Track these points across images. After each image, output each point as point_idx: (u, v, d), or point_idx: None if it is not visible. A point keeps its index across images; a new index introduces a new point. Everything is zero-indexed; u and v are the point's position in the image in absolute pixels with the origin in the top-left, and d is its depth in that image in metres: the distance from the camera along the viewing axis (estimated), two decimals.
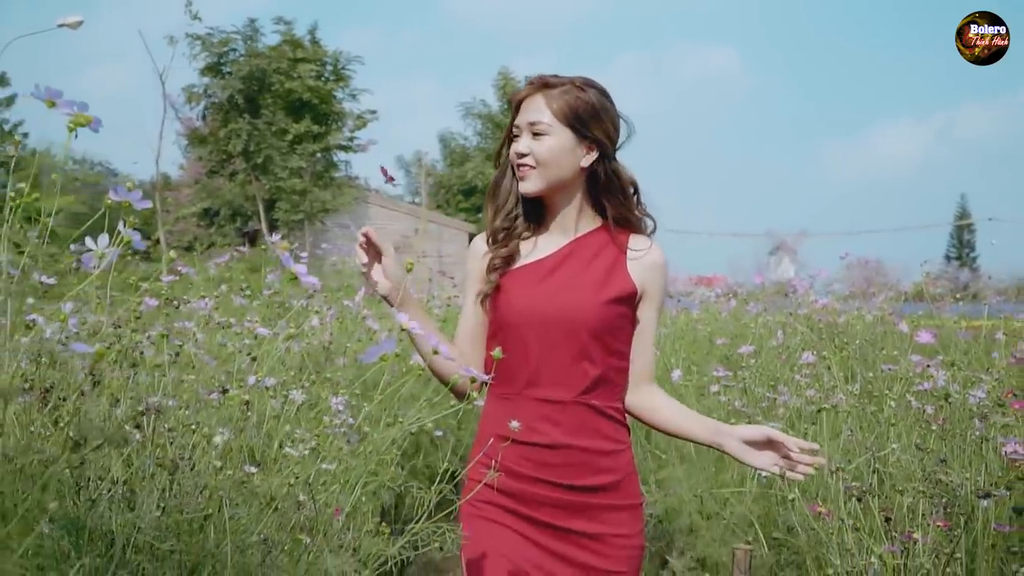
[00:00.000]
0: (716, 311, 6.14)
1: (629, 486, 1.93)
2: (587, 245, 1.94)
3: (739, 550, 2.34)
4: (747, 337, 4.00)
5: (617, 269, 1.91)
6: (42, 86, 1.29)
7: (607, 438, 1.90)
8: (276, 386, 2.14)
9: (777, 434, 1.83)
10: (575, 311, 1.86)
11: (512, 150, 1.92)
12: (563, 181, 1.90)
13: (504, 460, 1.85)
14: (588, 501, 1.88)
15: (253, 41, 20.54)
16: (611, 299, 1.88)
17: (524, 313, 1.89)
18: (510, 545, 1.87)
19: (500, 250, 1.94)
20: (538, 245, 1.96)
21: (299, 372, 2.64)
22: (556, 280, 1.90)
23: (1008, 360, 3.33)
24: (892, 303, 5.55)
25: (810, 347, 3.42)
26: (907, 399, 2.60)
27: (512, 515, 1.88)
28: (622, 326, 1.91)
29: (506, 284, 1.92)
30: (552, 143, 1.86)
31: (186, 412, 1.56)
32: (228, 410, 1.66)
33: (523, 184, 1.90)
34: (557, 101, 1.87)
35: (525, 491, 1.88)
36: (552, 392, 1.88)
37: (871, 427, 2.63)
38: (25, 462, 1.28)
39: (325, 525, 1.54)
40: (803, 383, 3.04)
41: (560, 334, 1.86)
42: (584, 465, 1.88)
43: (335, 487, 1.77)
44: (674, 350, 4.12)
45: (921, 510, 1.90)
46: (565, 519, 1.87)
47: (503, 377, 1.89)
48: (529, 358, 1.88)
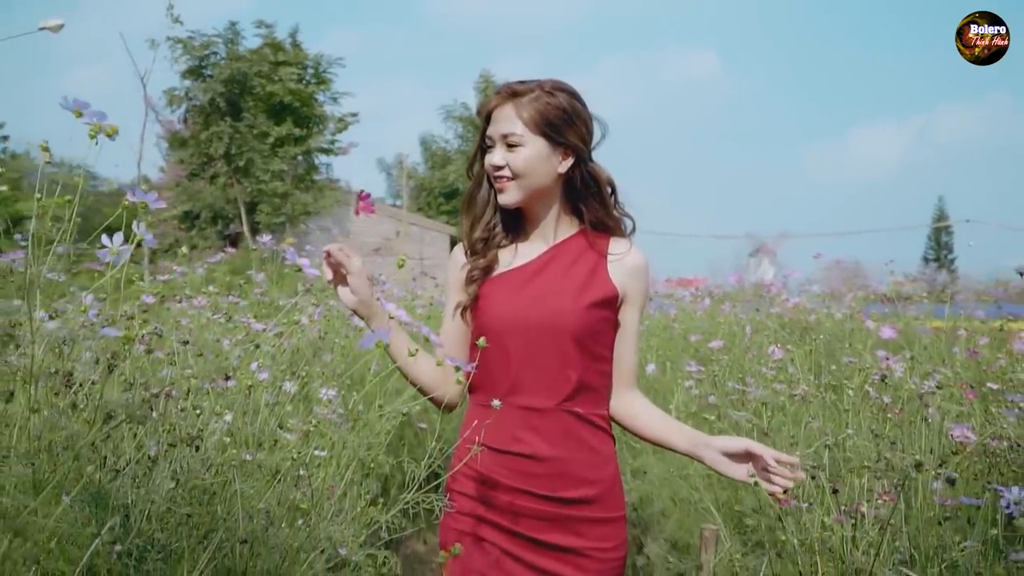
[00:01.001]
0: (691, 310, 6.31)
1: (613, 498, 1.89)
2: (566, 251, 1.92)
3: (706, 529, 2.49)
4: (719, 334, 4.16)
5: (598, 273, 1.89)
6: (70, 97, 1.41)
7: (591, 449, 1.87)
8: (269, 379, 2.27)
9: (756, 446, 1.80)
10: (556, 316, 1.84)
11: (487, 162, 1.89)
12: (541, 189, 1.89)
13: (485, 471, 1.84)
14: (570, 514, 1.84)
15: (234, 44, 20.60)
16: (592, 303, 1.86)
17: (505, 320, 1.86)
18: (489, 562, 1.84)
19: (479, 261, 1.92)
20: (518, 252, 1.94)
21: (290, 366, 2.77)
22: (536, 286, 1.88)
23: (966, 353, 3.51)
24: (861, 302, 5.72)
25: (778, 342, 3.58)
26: (866, 389, 2.76)
27: (492, 527, 1.85)
28: (604, 330, 1.89)
29: (486, 292, 1.91)
30: (527, 153, 1.84)
31: (193, 396, 1.70)
32: (232, 396, 1.79)
33: (502, 196, 1.88)
34: (527, 110, 1.84)
35: (506, 502, 1.84)
36: (534, 399, 1.85)
37: (832, 416, 2.79)
38: (53, 438, 1.41)
39: (322, 499, 1.68)
40: (770, 376, 3.20)
41: (542, 340, 1.84)
42: (567, 476, 1.84)
43: (331, 468, 1.90)
44: (649, 346, 4.27)
45: (870, 487, 2.05)
46: (546, 532, 1.84)
47: (485, 385, 1.87)
48: (511, 365, 1.85)
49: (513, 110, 1.84)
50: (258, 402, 1.84)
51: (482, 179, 1.93)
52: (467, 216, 1.97)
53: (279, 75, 20.27)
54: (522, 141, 1.83)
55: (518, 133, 1.83)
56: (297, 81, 20.59)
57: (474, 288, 1.90)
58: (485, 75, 29.23)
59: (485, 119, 1.90)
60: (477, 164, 1.94)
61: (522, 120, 1.83)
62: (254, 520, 1.45)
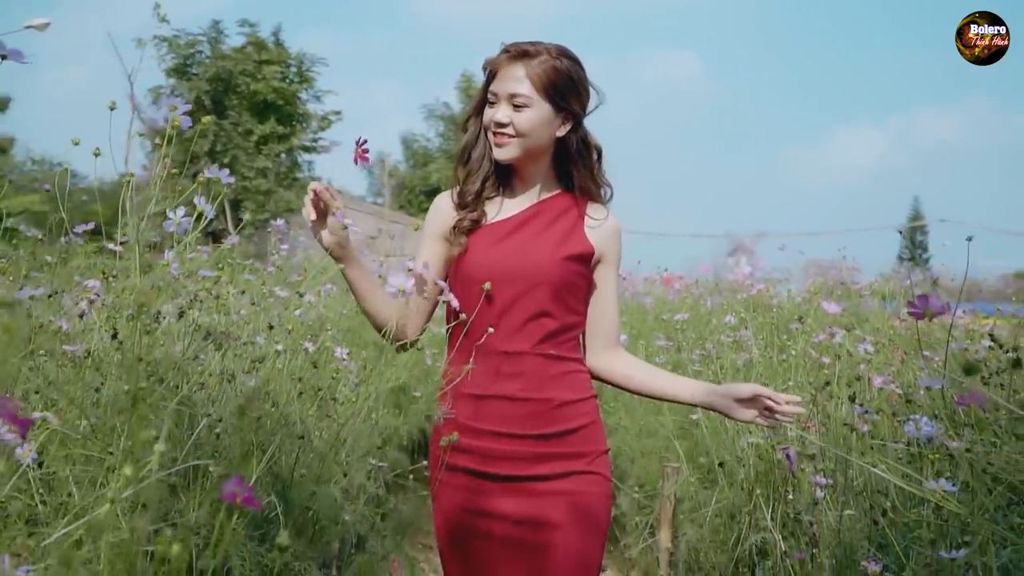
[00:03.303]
0: (664, 296, 6.74)
1: (594, 431, 1.95)
2: (549, 208, 1.99)
3: (668, 466, 2.91)
4: (684, 309, 4.58)
5: (576, 231, 1.97)
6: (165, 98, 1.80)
7: (568, 387, 1.92)
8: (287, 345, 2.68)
9: (763, 390, 1.89)
10: (536, 267, 1.90)
11: (489, 117, 1.93)
12: (538, 150, 1.94)
13: (466, 418, 1.90)
14: (553, 450, 1.89)
15: (218, 43, 20.89)
16: (569, 256, 1.93)
17: (486, 269, 1.91)
18: (478, 511, 1.90)
19: (470, 213, 1.97)
20: (503, 207, 1.99)
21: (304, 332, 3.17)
22: (518, 239, 1.94)
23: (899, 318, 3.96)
24: (820, 287, 6.16)
25: (734, 312, 4.03)
26: (807, 351, 3.19)
27: (478, 476, 1.90)
28: (579, 285, 1.96)
29: (469, 242, 1.95)
30: (532, 115, 1.89)
31: (249, 335, 2.10)
32: (277, 336, 2.20)
33: (499, 152, 1.92)
34: (536, 72, 1.88)
35: (488, 448, 1.89)
36: (511, 344, 1.90)
37: (778, 373, 3.21)
38: (150, 358, 1.81)
39: (348, 417, 2.09)
40: (727, 343, 3.63)
41: (521, 289, 1.90)
42: (547, 414, 1.89)
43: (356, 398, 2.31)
44: (622, 322, 4.68)
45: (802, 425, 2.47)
46: (527, 468, 1.88)
47: (463, 332, 1.91)
48: (490, 312, 1.90)
49: (523, 70, 1.88)
50: (298, 343, 2.24)
51: (479, 133, 1.98)
52: (462, 167, 2.01)
53: (263, 73, 20.58)
54: (529, 102, 1.88)
55: (525, 94, 1.88)
56: (281, 80, 20.91)
57: (464, 239, 1.94)
58: (467, 75, 29.56)
59: (490, 75, 1.94)
60: (475, 119, 1.99)
61: (531, 81, 1.88)
62: (303, 424, 1.86)
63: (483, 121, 1.95)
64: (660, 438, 3.44)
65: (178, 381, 1.82)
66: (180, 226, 2.03)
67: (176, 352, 1.73)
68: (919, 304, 1.23)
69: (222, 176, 1.91)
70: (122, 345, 1.68)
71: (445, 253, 1.98)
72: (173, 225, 2.04)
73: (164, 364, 1.80)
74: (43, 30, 1.33)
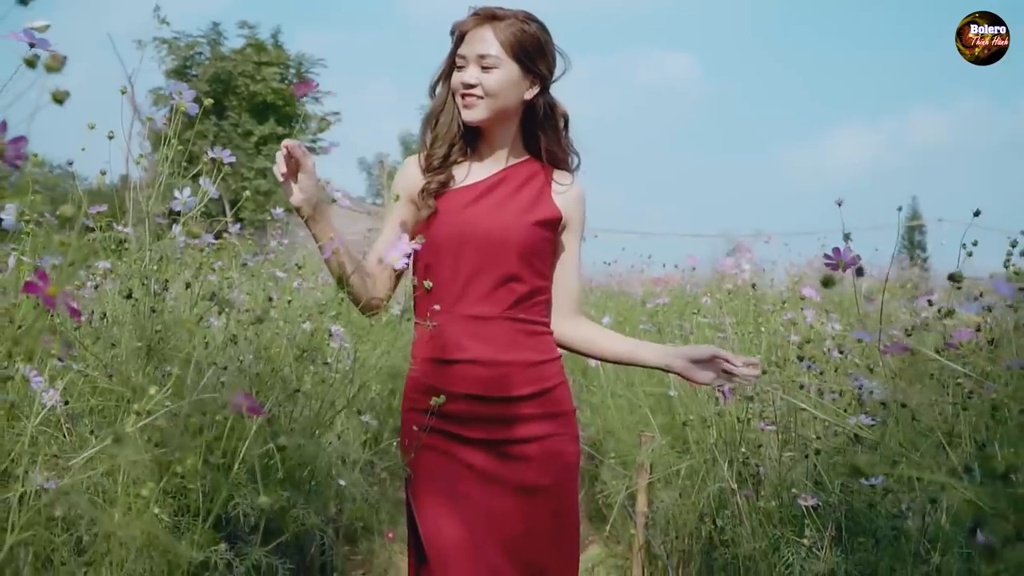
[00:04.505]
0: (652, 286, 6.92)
1: (560, 392, 1.99)
2: (516, 174, 2.02)
3: (644, 435, 3.09)
4: (666, 294, 4.77)
5: (543, 196, 2.00)
6: None
7: (534, 349, 1.96)
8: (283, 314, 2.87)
9: (720, 351, 1.93)
10: (504, 232, 1.93)
11: (457, 80, 1.95)
12: (506, 111, 1.97)
13: (436, 382, 1.92)
14: (521, 412, 1.93)
15: (218, 44, 21.11)
16: (537, 222, 1.96)
17: (454, 234, 1.94)
18: (451, 478, 1.92)
19: (437, 176, 1.99)
20: (471, 171, 2.02)
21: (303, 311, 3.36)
22: (486, 203, 1.97)
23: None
24: (804, 276, 6.34)
25: (710, 295, 4.22)
26: (779, 329, 3.37)
27: (451, 438, 1.93)
28: (546, 249, 1.99)
29: (437, 205, 1.97)
30: (500, 76, 1.92)
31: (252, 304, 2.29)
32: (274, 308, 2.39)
33: (468, 113, 1.95)
34: (504, 34, 1.92)
35: (462, 410, 1.91)
36: (479, 308, 1.93)
37: (749, 349, 3.40)
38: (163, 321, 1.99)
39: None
40: (704, 323, 3.81)
41: (488, 253, 1.92)
42: (514, 377, 1.92)
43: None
44: (607, 307, 4.87)
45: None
46: (500, 431, 1.92)
47: (432, 296, 1.92)
48: (458, 277, 1.93)
49: (491, 32, 1.93)
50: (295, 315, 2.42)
51: (446, 98, 2.01)
52: (430, 131, 2.04)
53: (262, 75, 20.79)
54: (497, 63, 1.92)
55: (494, 55, 1.91)
56: (280, 81, 21.11)
57: (432, 202, 1.97)
58: None
59: (459, 38, 1.98)
60: (443, 83, 2.02)
61: (499, 43, 1.92)
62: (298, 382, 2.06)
63: (451, 84, 1.98)
64: (640, 415, 3.62)
65: (185, 340, 2.01)
66: (186, 204, 2.20)
67: (182, 313, 1.91)
68: (833, 256, 1.40)
69: (224, 156, 2.09)
70: (136, 303, 1.86)
71: (414, 216, 2.01)
72: (179, 204, 2.23)
73: (172, 325, 1.98)
74: (43, 32, 1.31)
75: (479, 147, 2.04)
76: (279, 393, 2.03)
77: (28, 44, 1.31)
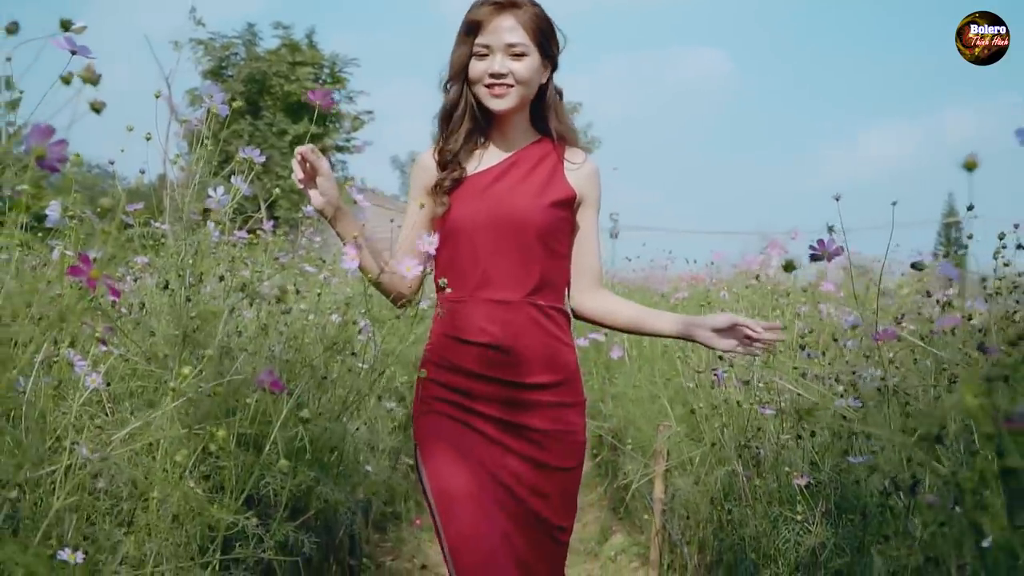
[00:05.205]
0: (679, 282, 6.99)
1: (573, 384, 2.02)
2: (528, 156, 2.03)
3: (662, 424, 3.19)
4: (685, 288, 4.85)
5: (556, 176, 2.01)
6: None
7: (553, 337, 1.98)
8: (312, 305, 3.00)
9: (741, 319, 1.91)
10: (521, 214, 1.94)
11: (481, 70, 1.94)
12: (530, 97, 2.00)
13: (454, 359, 1.96)
14: (537, 399, 1.95)
15: (253, 45, 21.40)
16: (552, 203, 1.97)
17: (472, 219, 1.95)
18: (460, 437, 1.95)
19: (451, 173, 2.00)
20: (483, 158, 2.03)
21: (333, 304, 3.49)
22: (501, 187, 1.98)
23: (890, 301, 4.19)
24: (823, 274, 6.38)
25: (727, 289, 4.30)
26: (792, 320, 3.45)
27: (462, 410, 1.95)
28: (563, 229, 2.00)
29: (454, 194, 1.99)
30: (530, 63, 1.93)
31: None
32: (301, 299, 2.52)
33: (498, 102, 1.95)
34: (526, 20, 1.92)
35: (475, 388, 1.94)
36: (501, 293, 1.94)
37: None
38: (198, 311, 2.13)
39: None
40: None
41: (507, 237, 1.94)
42: (530, 363, 1.94)
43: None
44: (631, 299, 4.94)
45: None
46: (515, 415, 1.94)
47: (453, 282, 1.91)
48: (478, 262, 1.94)
49: (513, 19, 1.93)
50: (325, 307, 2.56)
51: (462, 92, 2.00)
52: (445, 127, 2.04)
53: (296, 75, 21.03)
54: (527, 50, 1.92)
55: (523, 42, 1.92)
56: (314, 80, 21.33)
57: (447, 198, 1.98)
58: None
59: (476, 28, 1.95)
60: (460, 75, 1.99)
61: (524, 30, 1.92)
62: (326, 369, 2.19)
63: (470, 76, 1.97)
64: (659, 405, 3.71)
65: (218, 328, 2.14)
66: (220, 202, 2.33)
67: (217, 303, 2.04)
68: (817, 247, 1.49)
69: (254, 156, 2.21)
70: (173, 294, 1.99)
71: (431, 210, 2.02)
72: (213, 202, 2.35)
73: (206, 315, 2.11)
74: (80, 33, 1.34)
75: (491, 134, 2.05)
76: (308, 380, 2.16)
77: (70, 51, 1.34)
